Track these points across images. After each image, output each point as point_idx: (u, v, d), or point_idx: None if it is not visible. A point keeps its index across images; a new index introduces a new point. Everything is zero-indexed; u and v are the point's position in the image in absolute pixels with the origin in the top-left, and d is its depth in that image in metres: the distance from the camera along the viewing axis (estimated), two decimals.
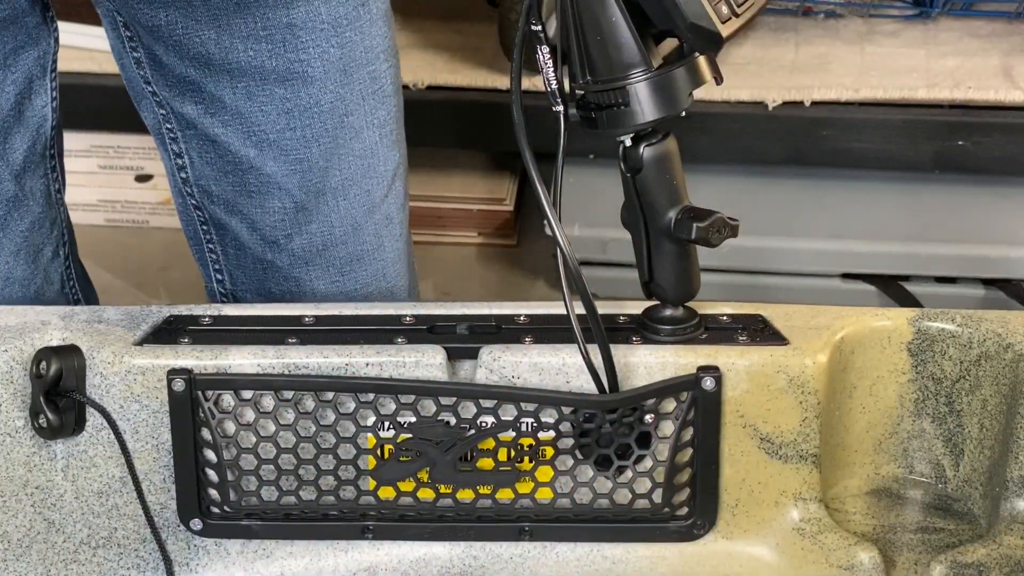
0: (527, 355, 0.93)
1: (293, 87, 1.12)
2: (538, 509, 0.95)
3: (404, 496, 0.95)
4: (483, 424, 0.93)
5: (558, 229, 0.89)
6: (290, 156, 1.15)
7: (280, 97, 1.13)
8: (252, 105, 1.13)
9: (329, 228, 1.19)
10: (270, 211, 1.18)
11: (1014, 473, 0.93)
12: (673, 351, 0.94)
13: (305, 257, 1.20)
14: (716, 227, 0.90)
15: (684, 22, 0.81)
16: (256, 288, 1.21)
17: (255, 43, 1.10)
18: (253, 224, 1.19)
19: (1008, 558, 0.91)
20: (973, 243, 2.03)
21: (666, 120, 0.87)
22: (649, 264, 0.94)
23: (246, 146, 1.15)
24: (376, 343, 0.94)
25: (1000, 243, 2.05)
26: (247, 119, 1.14)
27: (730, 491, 0.96)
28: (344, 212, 1.19)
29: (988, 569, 0.91)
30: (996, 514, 0.94)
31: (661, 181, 0.91)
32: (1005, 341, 0.95)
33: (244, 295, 1.23)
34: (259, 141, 1.14)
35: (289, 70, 1.11)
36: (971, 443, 0.96)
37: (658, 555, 0.96)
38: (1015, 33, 2.21)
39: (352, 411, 0.93)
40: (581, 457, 0.94)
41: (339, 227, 1.19)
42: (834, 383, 0.97)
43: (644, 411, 0.93)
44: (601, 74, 0.87)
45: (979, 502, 0.96)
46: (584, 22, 0.86)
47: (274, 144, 1.15)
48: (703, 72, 0.87)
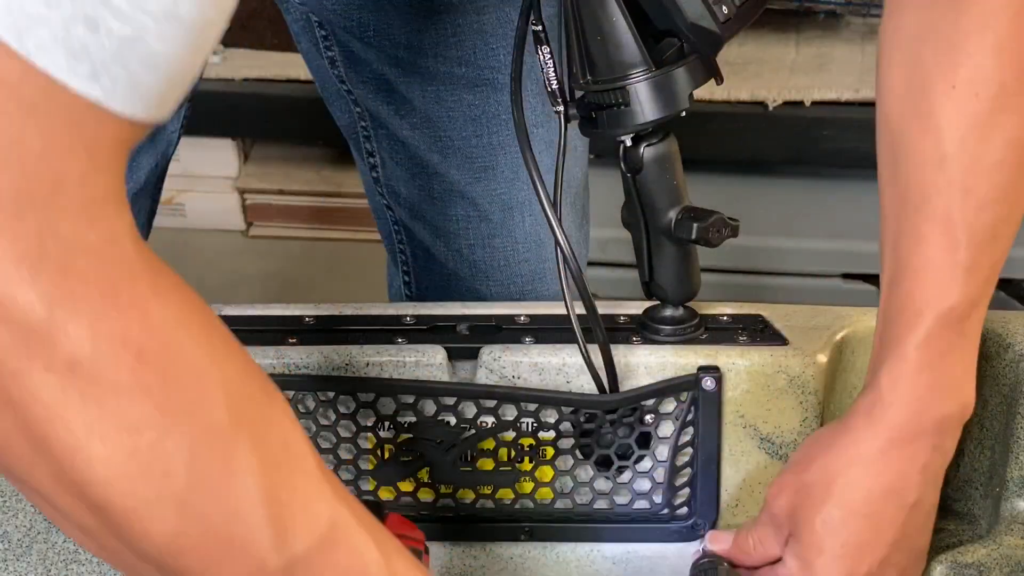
0: (527, 355, 0.93)
1: (482, 93, 1.11)
2: (538, 509, 0.95)
3: (404, 497, 0.95)
4: (483, 424, 0.93)
5: (558, 229, 0.89)
6: (475, 164, 1.14)
7: (468, 103, 1.11)
8: (440, 110, 1.12)
9: (513, 243, 1.17)
10: (452, 219, 1.16)
11: (1014, 473, 0.93)
12: (673, 351, 0.94)
13: (487, 271, 1.18)
14: (716, 227, 0.90)
15: (684, 22, 0.81)
16: (439, 296, 1.19)
17: (445, 48, 1.09)
18: (436, 230, 1.18)
19: (1008, 558, 0.91)
20: None
21: (666, 120, 0.87)
22: (649, 264, 0.94)
23: (432, 151, 1.14)
24: (376, 343, 0.94)
25: None
26: (435, 123, 1.12)
27: (730, 491, 0.96)
28: (529, 228, 1.17)
29: (988, 569, 0.91)
30: (996, 514, 0.94)
31: (661, 181, 0.91)
32: (1005, 341, 0.95)
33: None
34: (444, 147, 1.13)
35: (479, 76, 1.10)
36: (971, 443, 0.96)
37: (658, 555, 0.96)
38: None
39: (352, 411, 0.93)
40: (581, 457, 0.94)
41: (523, 243, 1.17)
42: (834, 383, 0.97)
43: (644, 411, 0.93)
44: (601, 74, 0.86)
45: (979, 502, 0.96)
46: (584, 22, 0.86)
47: (459, 151, 1.13)
48: (703, 72, 0.87)
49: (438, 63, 1.10)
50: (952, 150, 0.82)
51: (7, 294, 0.56)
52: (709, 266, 0.98)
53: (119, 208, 0.60)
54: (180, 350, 0.61)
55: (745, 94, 2.08)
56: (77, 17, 0.54)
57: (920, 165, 0.84)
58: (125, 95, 0.56)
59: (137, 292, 0.60)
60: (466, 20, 1.08)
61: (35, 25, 0.53)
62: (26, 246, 0.56)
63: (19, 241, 0.56)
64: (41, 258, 0.56)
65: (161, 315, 0.60)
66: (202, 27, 0.58)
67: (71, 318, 0.57)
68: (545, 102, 0.92)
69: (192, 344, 0.62)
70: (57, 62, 0.54)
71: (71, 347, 0.57)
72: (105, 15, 0.54)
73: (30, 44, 0.53)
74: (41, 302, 0.56)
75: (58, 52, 0.54)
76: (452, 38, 1.09)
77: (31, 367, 0.57)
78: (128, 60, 0.55)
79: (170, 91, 0.58)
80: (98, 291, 0.58)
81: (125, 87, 0.56)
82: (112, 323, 0.58)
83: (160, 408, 0.60)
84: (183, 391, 0.61)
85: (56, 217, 0.56)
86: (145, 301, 0.60)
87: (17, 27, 0.53)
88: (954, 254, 0.83)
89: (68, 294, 0.57)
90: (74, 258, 0.57)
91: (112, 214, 0.59)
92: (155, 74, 0.57)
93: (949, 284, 0.83)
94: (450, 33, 1.09)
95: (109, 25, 0.54)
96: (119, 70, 0.55)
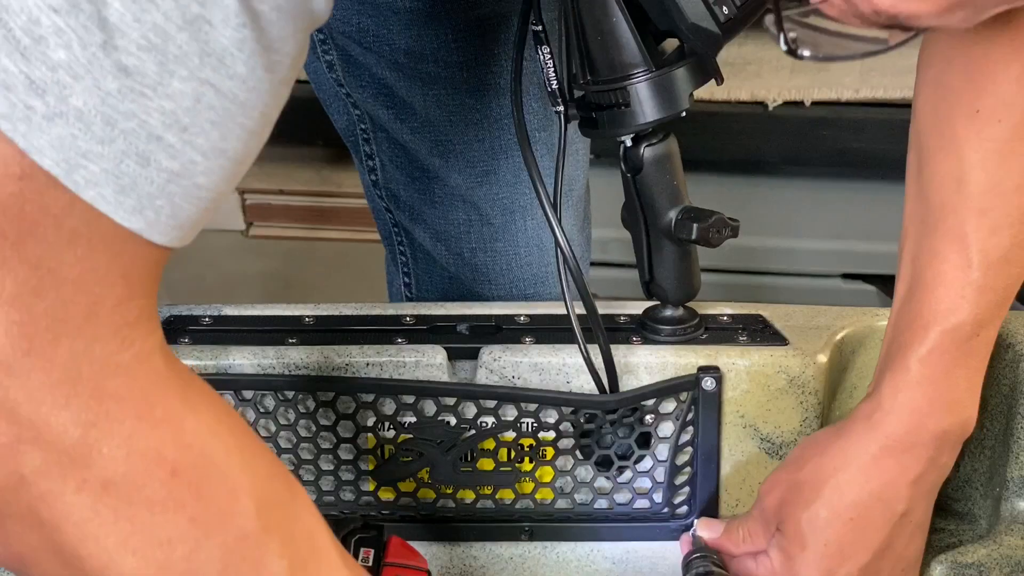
0: (527, 355, 0.93)
1: (484, 97, 1.11)
2: (538, 509, 0.95)
3: (404, 496, 0.95)
4: (483, 424, 0.93)
5: (558, 229, 0.89)
6: (476, 168, 1.14)
7: (470, 107, 1.11)
8: (441, 114, 1.12)
9: (515, 247, 1.17)
10: (453, 223, 1.16)
11: (1014, 473, 0.93)
12: (673, 351, 0.94)
13: (489, 275, 1.18)
14: (716, 227, 0.90)
15: (685, 22, 0.81)
16: (441, 299, 1.19)
17: (446, 53, 1.09)
18: (437, 234, 1.18)
19: (1008, 558, 0.91)
20: None
21: (666, 120, 0.87)
22: (649, 264, 0.94)
23: (432, 155, 1.14)
24: (376, 343, 0.94)
25: None
26: (435, 127, 1.12)
27: (730, 491, 0.96)
28: (531, 231, 1.17)
29: (988, 569, 0.91)
30: (996, 514, 0.94)
31: (661, 181, 0.91)
32: (1005, 341, 0.95)
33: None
34: (445, 151, 1.13)
35: (480, 80, 1.10)
36: (971, 443, 0.96)
37: (658, 555, 0.96)
38: None
39: (352, 411, 0.92)
40: (581, 457, 0.94)
41: (524, 246, 1.17)
42: (834, 383, 0.97)
43: (644, 411, 0.93)
44: (602, 74, 0.86)
45: (979, 502, 0.96)
46: (585, 22, 0.86)
47: (460, 155, 1.13)
48: (703, 72, 0.87)
49: (439, 67, 1.10)
50: (971, 172, 0.84)
51: (42, 418, 0.56)
52: (709, 266, 0.98)
53: (151, 326, 0.60)
54: (212, 461, 0.62)
55: (745, 94, 2.08)
56: (129, 153, 0.55)
57: (940, 184, 0.85)
58: (166, 226, 0.57)
59: (169, 406, 0.60)
60: (467, 24, 1.08)
61: (87, 160, 0.54)
62: (61, 371, 0.56)
63: (54, 366, 0.56)
64: (75, 381, 0.57)
65: (193, 427, 0.61)
66: (243, 160, 0.59)
67: (106, 438, 0.58)
68: (547, 106, 0.92)
69: (223, 453, 0.62)
70: (105, 195, 0.55)
71: (106, 467, 0.58)
72: (156, 151, 0.55)
73: (79, 178, 0.54)
74: (76, 424, 0.57)
75: (107, 186, 0.55)
76: (453, 43, 1.09)
77: (64, 488, 0.58)
78: (173, 194, 0.57)
79: (204, 218, 0.59)
80: (132, 409, 0.59)
81: (167, 218, 0.57)
82: (146, 440, 0.59)
83: (193, 520, 0.60)
84: (215, 502, 0.62)
85: (91, 341, 0.57)
86: (177, 415, 0.61)
87: (68, 162, 0.54)
88: (966, 273, 0.84)
89: (103, 415, 0.58)
90: (107, 379, 0.58)
91: (145, 333, 0.60)
92: (196, 206, 0.58)
93: (958, 301, 0.84)
94: (451, 38, 1.08)
95: (159, 161, 0.56)
96: (163, 203, 0.57)
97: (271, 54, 0.58)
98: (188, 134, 0.56)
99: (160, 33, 0.54)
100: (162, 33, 0.54)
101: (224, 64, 0.56)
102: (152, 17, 0.54)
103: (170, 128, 0.55)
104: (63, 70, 0.53)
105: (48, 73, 0.53)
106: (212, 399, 0.64)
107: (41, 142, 0.53)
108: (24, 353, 0.55)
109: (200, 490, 0.61)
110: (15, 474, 0.57)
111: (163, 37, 0.54)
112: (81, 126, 0.54)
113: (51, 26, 0.53)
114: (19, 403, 0.56)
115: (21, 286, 0.55)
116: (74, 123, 0.54)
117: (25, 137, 0.53)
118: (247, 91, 0.57)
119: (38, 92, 0.53)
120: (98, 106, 0.54)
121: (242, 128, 0.58)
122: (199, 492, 0.61)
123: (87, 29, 0.53)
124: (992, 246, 0.84)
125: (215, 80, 0.56)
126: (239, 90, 0.57)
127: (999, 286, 0.85)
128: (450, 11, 1.08)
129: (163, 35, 0.54)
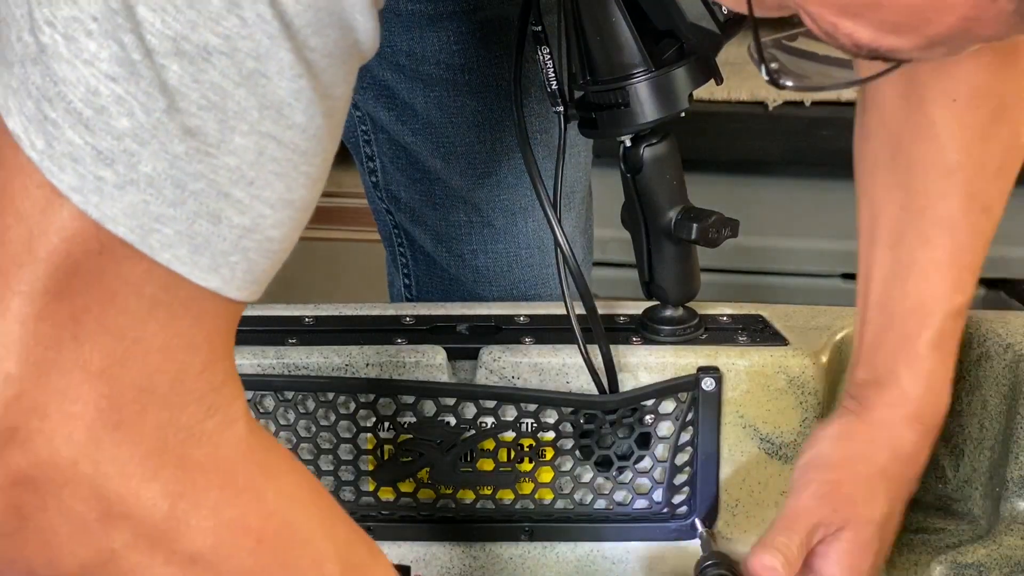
0: (527, 355, 0.93)
1: (485, 99, 1.11)
2: (538, 509, 0.95)
3: (404, 497, 0.95)
4: (483, 425, 0.93)
5: (558, 229, 0.89)
6: (477, 170, 1.14)
7: (471, 109, 1.11)
8: (442, 115, 1.12)
9: (516, 249, 1.17)
10: (454, 224, 1.16)
11: (1014, 473, 0.93)
12: (673, 351, 0.94)
13: (489, 276, 1.18)
14: (716, 227, 0.90)
15: (684, 22, 0.81)
16: (441, 299, 1.19)
17: (448, 55, 1.09)
18: (437, 235, 1.18)
19: (1008, 558, 0.91)
20: None
21: (666, 120, 0.87)
22: (649, 264, 0.94)
23: (434, 156, 1.14)
24: (376, 343, 0.94)
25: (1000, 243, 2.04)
26: (437, 129, 1.12)
27: (730, 491, 0.96)
28: (532, 233, 1.17)
29: (988, 569, 0.91)
30: (996, 514, 0.94)
31: (661, 182, 0.91)
32: (1005, 341, 0.95)
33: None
34: (447, 153, 1.13)
35: (481, 82, 1.10)
36: (971, 443, 0.96)
37: (658, 555, 0.96)
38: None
39: (352, 412, 0.92)
40: (581, 458, 0.94)
41: (526, 248, 1.17)
42: (834, 383, 0.97)
43: (644, 411, 0.93)
44: (601, 74, 0.86)
45: (979, 502, 0.96)
46: (584, 22, 0.86)
47: (462, 156, 1.13)
48: (703, 72, 0.87)
49: (440, 69, 1.10)
50: (958, 158, 0.86)
51: (132, 492, 0.57)
52: (709, 266, 0.98)
53: (235, 390, 0.61)
54: (295, 528, 0.62)
55: (745, 94, 2.07)
56: (201, 213, 0.55)
57: (924, 171, 0.87)
58: (242, 281, 0.58)
59: (252, 475, 0.61)
60: (468, 27, 1.08)
61: (160, 224, 0.54)
62: (149, 443, 0.57)
63: (142, 438, 0.56)
64: (162, 452, 0.57)
65: (276, 496, 0.61)
66: (309, 207, 0.60)
67: (193, 510, 0.58)
68: (547, 107, 0.92)
69: (305, 519, 0.63)
70: (180, 256, 0.55)
71: (193, 539, 0.58)
72: (226, 208, 0.56)
73: (154, 242, 0.55)
74: (164, 497, 0.57)
75: (182, 247, 0.55)
76: (454, 45, 1.09)
77: (152, 562, 0.58)
78: (247, 248, 0.57)
79: (275, 268, 0.60)
80: (217, 480, 0.59)
81: (243, 273, 0.57)
82: (232, 511, 0.59)
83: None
84: (300, 570, 0.62)
85: (177, 411, 0.57)
86: (260, 484, 0.61)
87: (143, 228, 0.54)
88: (962, 256, 0.87)
89: (189, 487, 0.58)
90: (193, 448, 0.58)
91: (230, 399, 0.60)
92: (269, 258, 0.58)
93: (959, 283, 0.87)
94: (452, 40, 1.08)
95: (230, 217, 0.56)
96: (238, 258, 0.57)
97: (326, 100, 0.58)
98: (255, 188, 0.56)
99: (219, 91, 0.54)
100: (220, 91, 0.54)
101: (283, 115, 0.56)
102: (210, 76, 0.54)
103: (237, 184, 0.55)
104: (129, 138, 0.53)
105: (114, 143, 0.53)
106: (292, 465, 0.64)
107: (114, 211, 0.54)
108: (114, 426, 0.56)
109: (285, 559, 0.61)
110: (106, 550, 0.57)
111: (222, 95, 0.54)
112: (152, 191, 0.54)
113: (111, 95, 0.53)
114: (109, 477, 0.56)
115: (107, 358, 0.55)
116: (145, 189, 0.54)
117: (98, 208, 0.54)
118: (307, 140, 0.57)
119: (106, 162, 0.53)
120: (167, 170, 0.54)
121: (306, 176, 0.58)
122: (284, 561, 0.61)
123: (149, 95, 0.53)
124: (980, 228, 0.87)
125: (275, 132, 0.56)
126: (299, 139, 0.57)
127: (980, 264, 0.89)
128: (451, 14, 1.08)
129: (221, 93, 0.54)
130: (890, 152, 0.89)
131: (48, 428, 0.55)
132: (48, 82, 0.53)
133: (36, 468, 0.55)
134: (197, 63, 0.53)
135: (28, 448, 0.55)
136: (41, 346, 0.54)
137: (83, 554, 0.57)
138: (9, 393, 0.54)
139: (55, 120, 0.53)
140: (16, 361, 0.54)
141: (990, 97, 0.85)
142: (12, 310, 0.54)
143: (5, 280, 0.54)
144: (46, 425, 0.55)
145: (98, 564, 0.57)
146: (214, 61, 0.54)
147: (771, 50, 0.60)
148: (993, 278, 2.05)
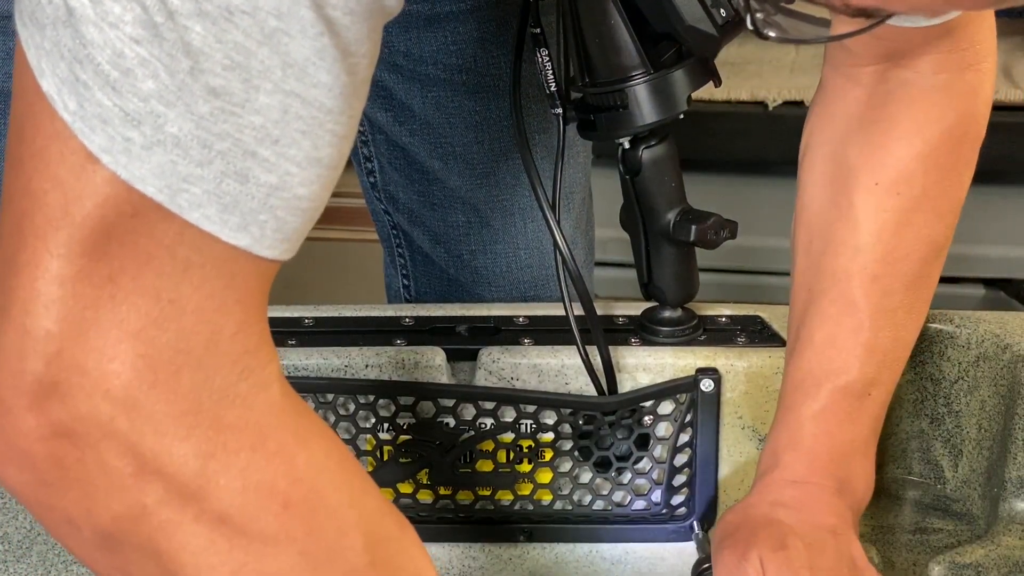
0: (526, 357, 0.93)
1: (483, 100, 1.11)
2: (537, 510, 0.95)
3: (403, 498, 0.95)
4: (482, 426, 0.93)
5: (556, 230, 0.89)
6: (476, 170, 1.14)
7: (469, 110, 1.11)
8: (440, 116, 1.12)
9: (515, 249, 1.17)
10: (453, 225, 1.17)
11: (1012, 474, 0.93)
12: (672, 353, 0.94)
13: (488, 278, 1.19)
14: (714, 229, 0.90)
15: (682, 25, 0.81)
16: (440, 300, 1.19)
17: (446, 56, 1.09)
18: (436, 236, 1.18)
19: (1006, 559, 0.91)
20: (973, 243, 2.03)
21: (665, 122, 0.88)
22: (648, 266, 0.94)
23: (432, 157, 1.14)
24: (375, 344, 0.94)
25: (1000, 243, 2.05)
26: (435, 130, 1.12)
27: (729, 492, 0.96)
28: (531, 234, 1.17)
29: (987, 569, 0.91)
30: (994, 515, 0.94)
31: (660, 183, 0.91)
32: (1003, 342, 0.95)
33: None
34: (445, 153, 1.13)
35: (479, 83, 1.10)
36: (969, 444, 0.97)
37: (657, 555, 0.96)
38: (1014, 33, 2.21)
39: (351, 413, 0.93)
40: (580, 459, 0.94)
41: (524, 249, 1.17)
42: None
43: (643, 413, 0.93)
44: (600, 76, 0.87)
45: (977, 503, 0.96)
46: (583, 24, 0.86)
47: (460, 157, 1.13)
48: (701, 74, 0.87)
49: (438, 70, 1.10)
50: (868, 241, 0.87)
51: (165, 450, 0.58)
52: (708, 266, 0.98)
53: (269, 353, 0.62)
54: (323, 496, 0.62)
55: (745, 94, 2.08)
56: (228, 172, 0.56)
57: (835, 252, 0.88)
58: (272, 240, 0.58)
59: (283, 440, 0.61)
60: (466, 27, 1.08)
61: (188, 184, 0.55)
62: (184, 403, 0.58)
63: (177, 398, 0.57)
64: (197, 413, 0.58)
65: (305, 462, 0.62)
66: (338, 165, 0.60)
67: (223, 470, 0.59)
68: (546, 109, 0.92)
69: (333, 488, 0.63)
70: (210, 215, 0.56)
71: (222, 498, 0.59)
72: (253, 167, 0.56)
73: (183, 201, 0.56)
74: (196, 456, 0.58)
75: (211, 206, 0.56)
76: (452, 46, 1.09)
77: (182, 519, 0.59)
78: (275, 207, 0.58)
79: (307, 227, 0.60)
80: (248, 442, 0.60)
81: (273, 232, 0.58)
82: (261, 474, 0.60)
83: (303, 554, 0.61)
84: (326, 537, 0.62)
85: (211, 371, 0.58)
86: (290, 449, 0.61)
87: (171, 188, 0.55)
88: (857, 334, 0.87)
89: (221, 447, 0.59)
90: (226, 410, 0.59)
91: (264, 361, 0.61)
92: (298, 216, 0.59)
93: (850, 360, 0.87)
94: (450, 41, 1.08)
95: (257, 176, 0.57)
96: (267, 217, 0.58)
97: (349, 58, 0.58)
98: (280, 146, 0.57)
99: (242, 51, 0.55)
100: (244, 50, 0.55)
101: (307, 73, 0.56)
102: (232, 36, 0.54)
103: (263, 143, 0.56)
104: (155, 99, 0.54)
105: (141, 104, 0.54)
106: (323, 432, 0.65)
107: (143, 171, 0.55)
108: (150, 386, 0.57)
109: (311, 524, 0.62)
110: (138, 504, 0.58)
111: (245, 54, 0.55)
112: (179, 152, 0.55)
113: (136, 57, 0.54)
114: (144, 435, 0.57)
115: (144, 319, 0.56)
116: (172, 149, 0.55)
117: (127, 168, 0.55)
118: (332, 97, 0.58)
119: (134, 123, 0.54)
120: (193, 130, 0.55)
121: (332, 134, 0.59)
122: (310, 527, 0.61)
123: (173, 57, 0.54)
124: (882, 310, 0.87)
125: (300, 90, 0.56)
126: (325, 98, 0.57)
127: (888, 348, 0.88)
128: (449, 15, 1.08)
129: (245, 52, 0.55)
130: (808, 236, 0.91)
131: (88, 384, 0.56)
132: (78, 44, 0.54)
133: (76, 421, 0.57)
134: (220, 23, 0.54)
135: (68, 402, 0.56)
136: (80, 305, 0.56)
137: (117, 507, 0.58)
138: (51, 349, 0.56)
139: (86, 82, 0.54)
140: (56, 320, 0.56)
141: (913, 185, 0.87)
142: (52, 271, 0.55)
143: (44, 244, 0.55)
144: (86, 381, 0.56)
145: (130, 518, 0.58)
146: (236, 21, 0.54)
147: (762, 2, 0.62)
148: (993, 278, 2.05)
